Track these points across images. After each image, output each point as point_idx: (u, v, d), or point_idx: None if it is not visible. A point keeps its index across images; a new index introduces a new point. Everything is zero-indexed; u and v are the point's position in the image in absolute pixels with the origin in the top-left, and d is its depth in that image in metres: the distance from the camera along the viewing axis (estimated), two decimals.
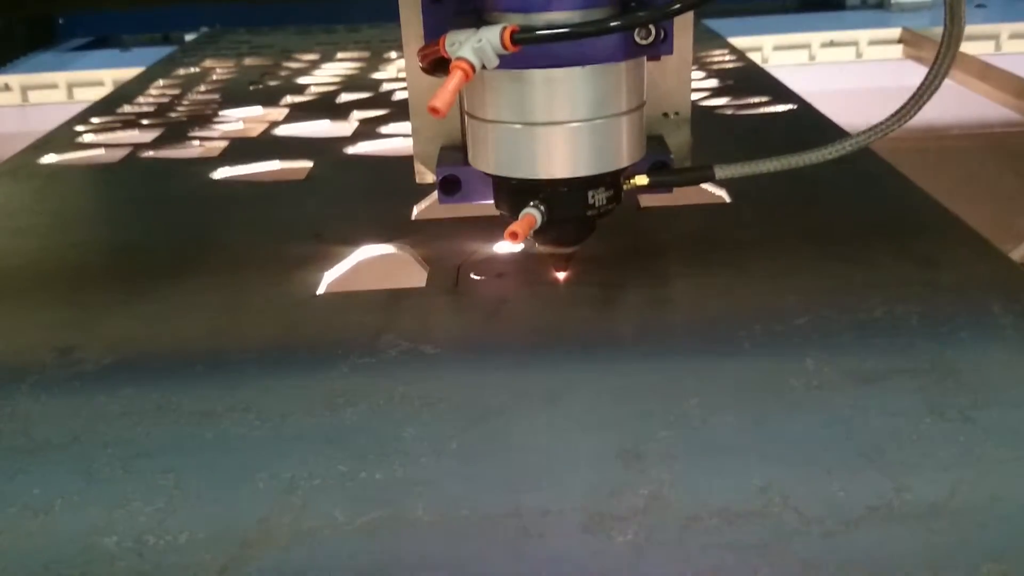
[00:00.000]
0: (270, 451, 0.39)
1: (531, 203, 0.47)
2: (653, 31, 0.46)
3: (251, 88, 1.15)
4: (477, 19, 0.45)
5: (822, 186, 0.67)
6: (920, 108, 0.47)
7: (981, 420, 0.39)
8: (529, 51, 0.44)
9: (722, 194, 0.66)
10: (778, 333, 0.47)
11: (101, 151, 0.89)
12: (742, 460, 0.37)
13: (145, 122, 0.99)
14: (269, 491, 0.37)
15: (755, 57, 1.30)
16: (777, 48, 1.47)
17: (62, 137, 0.94)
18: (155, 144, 0.89)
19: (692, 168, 0.52)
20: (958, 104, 1.22)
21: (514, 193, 0.48)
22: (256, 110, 1.02)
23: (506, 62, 0.43)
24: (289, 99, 1.07)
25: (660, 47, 0.47)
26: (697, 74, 1.09)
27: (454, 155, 0.52)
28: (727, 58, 1.18)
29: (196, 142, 0.90)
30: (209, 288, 0.56)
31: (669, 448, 0.38)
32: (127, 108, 1.07)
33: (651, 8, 0.44)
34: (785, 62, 1.44)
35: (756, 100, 0.94)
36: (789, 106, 0.91)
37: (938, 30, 0.44)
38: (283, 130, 0.93)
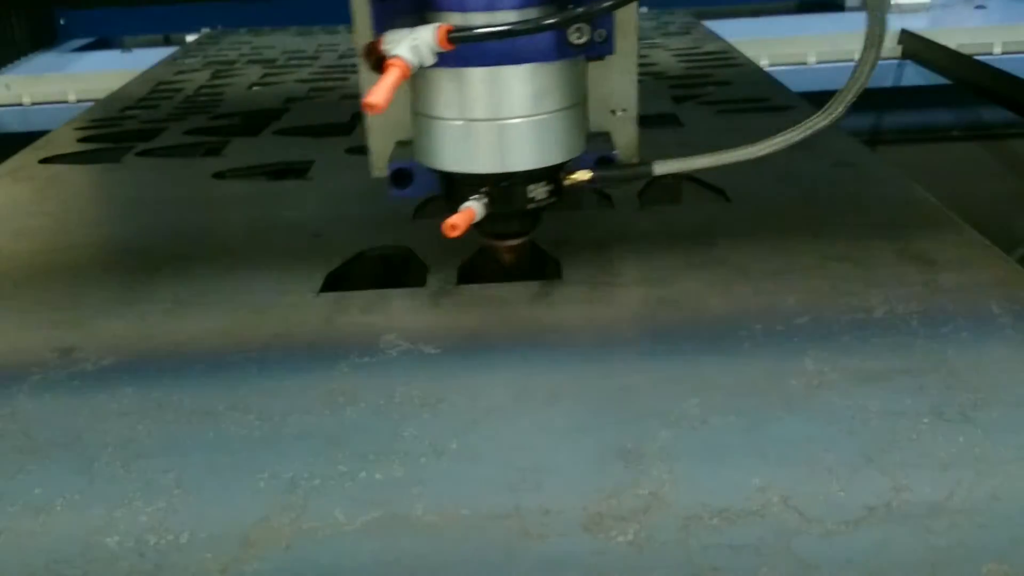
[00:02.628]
0: (270, 451, 0.39)
1: (472, 197, 0.48)
2: (587, 32, 0.47)
3: (252, 88, 1.15)
4: (421, 18, 0.46)
5: (822, 186, 0.67)
6: (846, 108, 0.46)
7: (981, 420, 0.39)
8: (468, 50, 0.45)
9: (722, 195, 0.66)
10: (778, 333, 0.47)
11: (102, 152, 0.89)
12: (742, 460, 0.37)
13: (146, 123, 0.99)
14: (270, 491, 0.37)
15: (755, 58, 1.30)
16: (777, 49, 1.47)
17: (63, 138, 0.94)
18: (155, 145, 0.89)
19: (632, 163, 0.53)
20: (958, 105, 1.22)
21: (457, 187, 0.50)
22: (257, 111, 1.02)
23: (447, 60, 0.45)
24: (290, 100, 1.07)
25: (600, 47, 0.48)
26: (697, 76, 1.09)
27: (408, 150, 0.53)
28: (727, 59, 1.18)
29: (196, 143, 0.90)
30: (209, 288, 0.56)
31: (669, 448, 0.38)
32: (128, 109, 1.07)
33: (578, 9, 0.45)
34: (785, 63, 1.44)
35: (755, 101, 0.94)
36: (788, 107, 0.91)
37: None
38: (284, 130, 0.93)
